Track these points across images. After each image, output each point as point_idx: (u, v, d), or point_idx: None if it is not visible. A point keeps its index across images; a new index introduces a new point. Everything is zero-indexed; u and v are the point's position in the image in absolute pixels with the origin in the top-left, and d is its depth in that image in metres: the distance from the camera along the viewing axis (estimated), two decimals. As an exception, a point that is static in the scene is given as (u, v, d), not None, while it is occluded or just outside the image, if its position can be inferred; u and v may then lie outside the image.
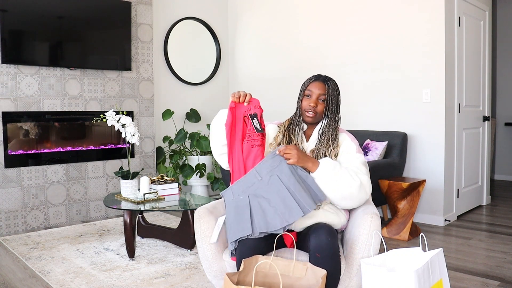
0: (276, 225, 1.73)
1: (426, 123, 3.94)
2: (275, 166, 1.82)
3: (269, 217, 1.74)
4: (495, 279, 2.67)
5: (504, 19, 6.16)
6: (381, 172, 3.63)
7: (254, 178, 1.82)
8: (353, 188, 1.85)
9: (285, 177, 1.79)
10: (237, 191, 1.82)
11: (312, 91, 2.00)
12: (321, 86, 1.99)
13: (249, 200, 1.78)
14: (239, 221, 1.76)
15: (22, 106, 3.87)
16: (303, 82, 2.07)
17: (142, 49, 4.60)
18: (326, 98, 1.98)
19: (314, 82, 2.01)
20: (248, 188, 1.81)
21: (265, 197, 1.77)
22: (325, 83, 2.00)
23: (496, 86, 6.25)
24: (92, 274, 2.79)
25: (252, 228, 1.73)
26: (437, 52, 3.84)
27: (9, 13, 3.72)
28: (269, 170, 1.81)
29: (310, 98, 2.00)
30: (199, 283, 2.62)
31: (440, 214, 3.92)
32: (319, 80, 2.01)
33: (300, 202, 1.74)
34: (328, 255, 1.72)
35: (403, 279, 1.61)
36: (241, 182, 1.83)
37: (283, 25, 5.04)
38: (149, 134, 4.67)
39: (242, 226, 1.75)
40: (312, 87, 2.00)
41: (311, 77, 2.05)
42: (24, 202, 3.90)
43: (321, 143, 1.99)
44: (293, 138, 2.04)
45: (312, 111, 1.98)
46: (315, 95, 1.99)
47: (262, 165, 1.83)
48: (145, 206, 3.08)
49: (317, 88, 1.99)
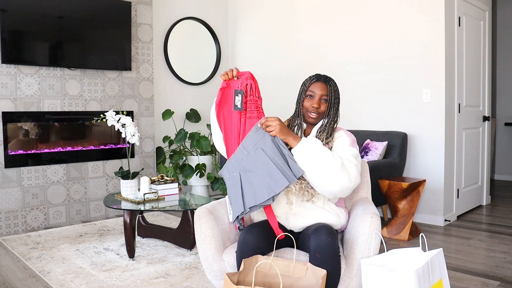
0: (263, 197, 1.77)
1: (426, 123, 3.94)
2: (259, 139, 1.85)
3: (257, 190, 1.79)
4: (495, 279, 2.67)
5: (504, 19, 6.16)
6: (381, 172, 3.63)
7: (242, 153, 1.87)
8: (333, 168, 1.78)
9: (268, 149, 1.82)
10: (231, 168, 1.88)
11: (315, 92, 1.98)
12: (323, 86, 1.98)
13: (240, 176, 1.84)
14: (235, 199, 1.83)
15: (22, 106, 3.87)
16: (303, 81, 2.05)
17: (142, 49, 4.60)
18: (329, 98, 1.98)
19: (315, 82, 2.00)
20: (239, 165, 1.86)
21: (252, 171, 1.82)
22: (327, 83, 1.99)
23: (496, 86, 6.25)
24: (92, 274, 2.79)
25: (244, 205, 1.79)
26: (437, 52, 3.84)
27: (9, 13, 3.72)
28: (254, 144, 1.85)
29: (312, 99, 1.98)
30: (199, 283, 2.62)
31: (440, 214, 3.92)
32: (320, 81, 2.00)
33: (285, 172, 1.77)
34: (328, 256, 1.72)
35: (403, 279, 1.61)
36: (233, 159, 1.89)
37: (283, 25, 5.04)
38: (149, 134, 4.67)
39: (237, 205, 1.82)
40: (314, 88, 1.99)
41: (311, 77, 2.03)
42: (24, 202, 3.90)
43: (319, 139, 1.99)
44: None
45: (315, 112, 1.97)
46: (317, 95, 1.98)
47: (247, 140, 1.88)
48: (145, 206, 3.08)
49: (319, 89, 1.98)
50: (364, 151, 3.96)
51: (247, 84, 1.91)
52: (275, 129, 1.84)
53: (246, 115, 1.92)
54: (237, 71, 1.95)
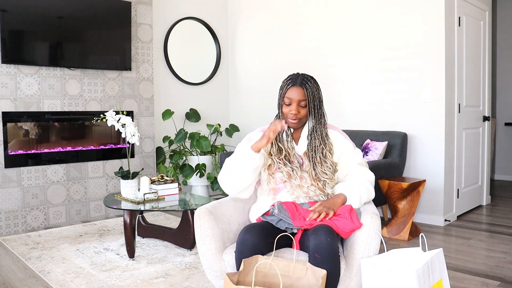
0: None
1: (426, 123, 3.94)
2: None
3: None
4: (495, 279, 2.67)
5: (504, 19, 6.16)
6: (381, 172, 3.63)
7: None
8: (372, 196, 2.01)
9: None
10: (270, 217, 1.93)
11: (291, 98, 1.94)
12: (299, 91, 1.93)
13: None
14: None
15: (22, 106, 3.87)
16: (280, 85, 2.00)
17: (142, 49, 4.60)
18: (308, 103, 1.94)
19: (291, 87, 1.94)
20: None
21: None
22: (303, 86, 1.93)
23: (496, 86, 6.25)
24: (92, 274, 2.79)
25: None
26: (437, 52, 3.84)
27: (9, 13, 3.72)
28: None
29: (290, 106, 1.95)
30: (199, 283, 2.62)
31: (440, 214, 3.92)
32: (296, 85, 1.94)
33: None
34: (327, 256, 1.72)
35: (403, 279, 1.61)
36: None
37: (283, 25, 5.04)
38: (149, 134, 4.67)
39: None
40: (290, 94, 1.94)
41: (287, 81, 1.97)
42: (24, 202, 3.90)
43: (313, 147, 1.99)
44: (282, 146, 2.01)
45: (294, 118, 1.95)
46: (294, 101, 1.94)
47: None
48: (145, 206, 3.08)
49: (295, 94, 1.93)
50: (364, 151, 3.96)
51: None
52: (330, 212, 1.86)
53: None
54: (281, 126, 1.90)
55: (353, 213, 1.88)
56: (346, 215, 1.86)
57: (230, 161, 1.98)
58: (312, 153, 1.99)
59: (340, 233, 1.84)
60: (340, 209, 1.90)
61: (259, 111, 5.28)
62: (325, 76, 4.60)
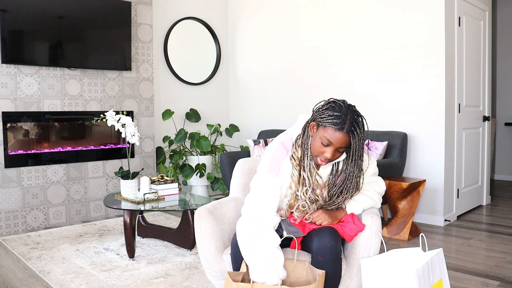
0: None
1: (426, 123, 3.94)
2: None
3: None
4: (495, 279, 2.67)
5: (504, 19, 6.16)
6: (381, 172, 3.58)
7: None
8: (377, 206, 1.95)
9: None
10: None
11: (331, 142, 1.63)
12: (345, 139, 1.62)
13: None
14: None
15: (22, 106, 3.87)
16: (320, 113, 1.66)
17: (142, 49, 4.60)
18: (351, 152, 1.70)
19: (336, 132, 1.61)
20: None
21: None
22: (350, 134, 1.62)
23: (496, 86, 6.25)
24: (92, 274, 2.79)
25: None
26: (437, 52, 3.84)
27: (9, 13, 3.72)
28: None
29: (326, 147, 1.64)
30: (199, 283, 2.62)
31: (440, 214, 3.92)
32: (343, 132, 1.61)
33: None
34: (330, 259, 1.71)
35: (403, 279, 1.61)
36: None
37: (283, 25, 5.04)
38: (149, 134, 4.67)
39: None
40: (332, 137, 1.62)
41: (333, 120, 1.61)
42: (24, 202, 3.90)
43: (344, 188, 1.79)
44: (305, 175, 1.75)
45: (325, 161, 1.69)
46: (334, 146, 1.63)
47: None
48: (145, 206, 3.08)
49: (338, 141, 1.62)
50: (364, 151, 3.96)
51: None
52: (327, 221, 1.81)
53: None
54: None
55: (355, 216, 1.87)
56: (349, 219, 1.86)
57: (248, 230, 1.69)
58: (336, 193, 1.82)
59: (345, 237, 1.83)
60: None
61: (259, 111, 5.28)
62: (325, 76, 4.60)
